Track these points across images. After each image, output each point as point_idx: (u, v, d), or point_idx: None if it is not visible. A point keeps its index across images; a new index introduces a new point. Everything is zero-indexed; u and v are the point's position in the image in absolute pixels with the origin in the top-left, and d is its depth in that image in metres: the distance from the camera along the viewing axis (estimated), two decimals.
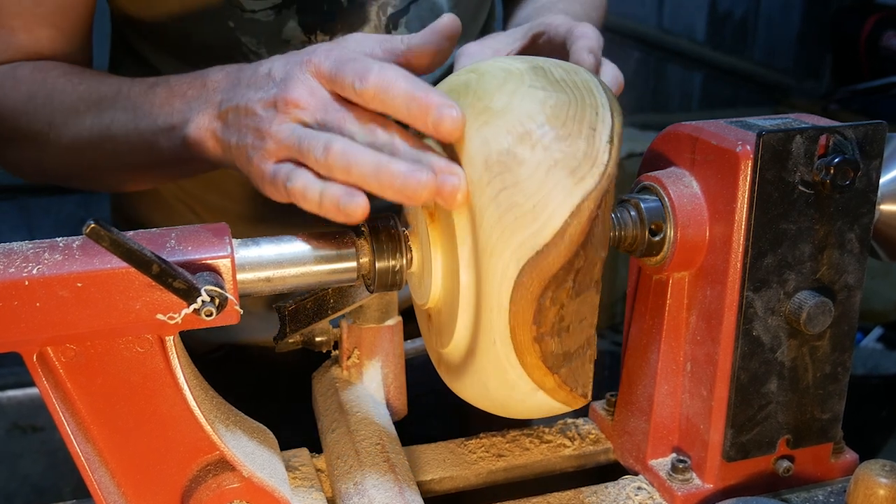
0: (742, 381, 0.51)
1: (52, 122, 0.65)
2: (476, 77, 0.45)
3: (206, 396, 0.50)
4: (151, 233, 0.46)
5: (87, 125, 0.63)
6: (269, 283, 0.47)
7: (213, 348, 0.82)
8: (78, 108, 0.64)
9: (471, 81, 0.45)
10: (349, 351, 0.62)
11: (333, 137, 0.47)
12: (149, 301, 0.43)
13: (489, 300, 0.43)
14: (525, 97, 0.42)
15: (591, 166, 0.42)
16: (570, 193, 0.41)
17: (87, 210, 2.27)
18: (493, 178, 0.42)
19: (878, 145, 0.49)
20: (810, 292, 0.50)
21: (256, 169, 0.51)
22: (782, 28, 2.96)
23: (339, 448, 0.56)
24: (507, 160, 0.41)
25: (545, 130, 0.41)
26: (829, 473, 0.56)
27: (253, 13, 0.68)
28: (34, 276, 0.41)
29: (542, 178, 0.41)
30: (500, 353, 0.43)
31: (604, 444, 0.62)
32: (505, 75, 0.44)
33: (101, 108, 0.63)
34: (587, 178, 0.41)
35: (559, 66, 0.45)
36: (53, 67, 0.68)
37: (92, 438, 0.47)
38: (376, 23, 0.72)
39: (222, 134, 0.55)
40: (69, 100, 0.65)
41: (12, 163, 0.71)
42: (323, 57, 0.49)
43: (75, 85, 0.66)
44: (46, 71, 0.68)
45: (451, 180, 0.43)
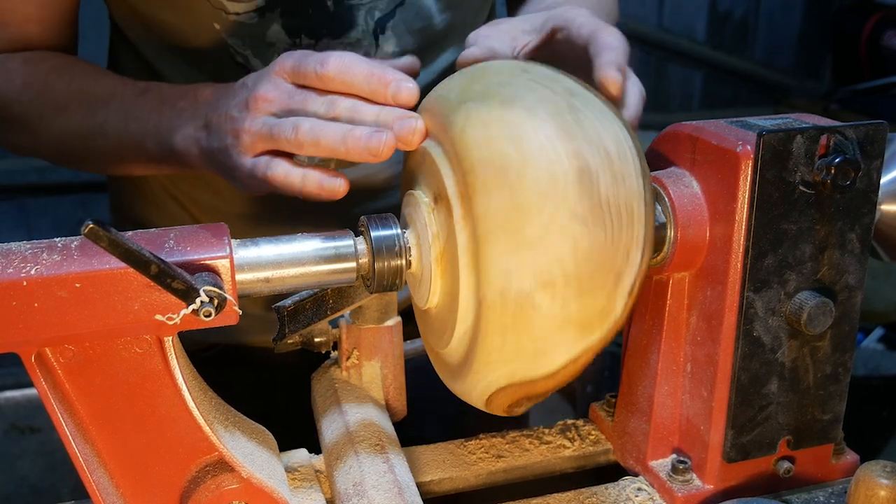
0: (742, 381, 0.50)
1: (43, 115, 0.70)
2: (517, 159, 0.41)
3: (204, 397, 0.49)
4: (150, 233, 0.46)
5: (77, 121, 0.68)
6: (268, 283, 0.47)
7: (204, 347, 0.82)
8: (69, 106, 0.69)
9: (510, 164, 0.41)
10: (348, 352, 0.62)
11: (300, 119, 0.52)
12: (147, 302, 0.43)
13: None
14: (560, 234, 0.41)
15: (602, 322, 0.42)
16: (574, 345, 0.42)
17: (86, 210, 2.27)
18: (505, 310, 0.42)
19: (878, 145, 0.48)
20: (811, 293, 0.49)
21: (238, 166, 0.56)
22: (783, 28, 2.95)
23: (338, 449, 0.56)
24: (525, 302, 0.41)
25: (569, 284, 0.41)
26: (829, 474, 0.56)
27: (237, 15, 0.69)
28: (32, 276, 0.41)
29: (552, 331, 0.42)
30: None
31: (604, 445, 0.62)
32: (548, 180, 0.40)
33: (94, 109, 0.68)
34: (595, 331, 0.42)
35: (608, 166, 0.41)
36: (43, 60, 0.72)
37: (90, 439, 0.47)
38: (364, 27, 0.71)
39: (206, 143, 0.60)
40: (60, 98, 0.69)
41: (9, 143, 0.76)
42: (286, 57, 0.54)
43: (67, 83, 0.70)
44: (37, 63, 0.71)
45: (409, 123, 0.47)
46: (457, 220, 0.45)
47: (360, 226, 0.49)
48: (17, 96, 0.70)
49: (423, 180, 0.50)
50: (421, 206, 0.49)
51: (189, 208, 0.81)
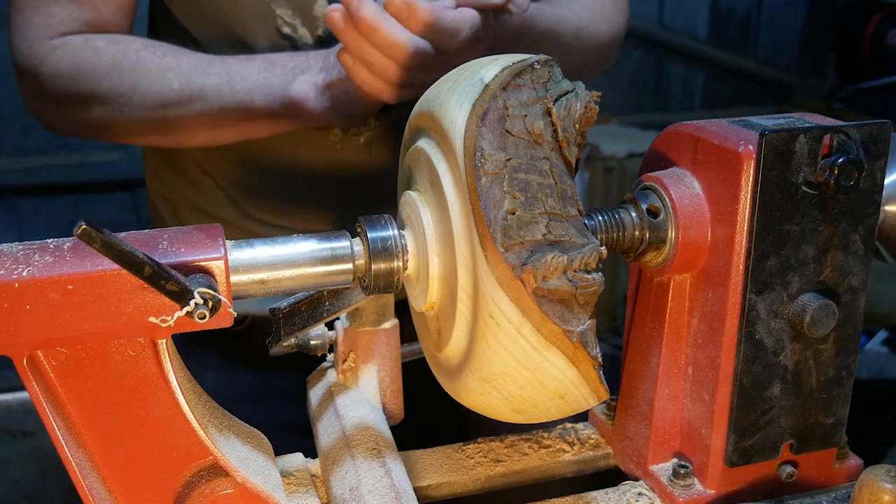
0: (744, 385, 0.50)
1: (138, 86, 0.75)
2: None
3: (198, 400, 0.49)
4: (143, 234, 0.46)
5: (175, 89, 0.75)
6: (263, 285, 0.46)
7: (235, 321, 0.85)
8: (165, 75, 0.75)
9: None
10: (345, 354, 0.61)
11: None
12: (141, 303, 0.43)
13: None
14: None
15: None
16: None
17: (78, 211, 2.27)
18: None
19: (882, 145, 0.48)
20: (814, 295, 0.49)
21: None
22: (785, 26, 2.95)
23: (334, 453, 0.55)
24: None
25: None
26: (833, 479, 0.56)
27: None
28: (24, 278, 0.41)
29: None
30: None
31: (604, 449, 0.61)
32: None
33: (192, 76, 0.74)
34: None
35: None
36: (132, 41, 0.78)
37: (83, 443, 0.46)
38: None
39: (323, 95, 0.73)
40: (156, 68, 0.75)
41: (75, 123, 0.81)
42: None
43: (160, 57, 0.76)
44: (126, 43, 0.78)
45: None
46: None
47: (357, 227, 0.49)
48: (106, 72, 0.75)
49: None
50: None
51: (222, 184, 0.86)
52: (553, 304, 0.43)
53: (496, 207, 0.43)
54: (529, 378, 0.44)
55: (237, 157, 0.84)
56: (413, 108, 0.51)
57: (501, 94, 0.44)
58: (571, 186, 0.45)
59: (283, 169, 0.84)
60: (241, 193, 0.86)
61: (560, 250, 0.43)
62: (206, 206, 0.88)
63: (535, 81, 0.45)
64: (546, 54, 0.45)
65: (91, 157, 2.26)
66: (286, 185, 0.84)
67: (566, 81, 0.46)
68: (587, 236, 0.44)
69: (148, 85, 0.75)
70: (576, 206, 0.45)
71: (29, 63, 0.78)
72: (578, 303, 0.44)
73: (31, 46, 0.78)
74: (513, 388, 0.45)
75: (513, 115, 0.44)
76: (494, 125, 0.44)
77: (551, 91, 0.45)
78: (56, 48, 0.77)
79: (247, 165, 0.84)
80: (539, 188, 0.44)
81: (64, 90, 0.77)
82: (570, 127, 0.45)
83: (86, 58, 0.76)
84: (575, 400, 0.45)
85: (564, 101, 0.45)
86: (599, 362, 0.45)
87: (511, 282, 0.42)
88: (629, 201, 0.52)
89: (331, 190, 0.84)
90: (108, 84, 0.75)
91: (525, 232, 0.43)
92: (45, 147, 2.23)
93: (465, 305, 0.45)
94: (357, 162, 0.83)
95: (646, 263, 0.53)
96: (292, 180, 0.84)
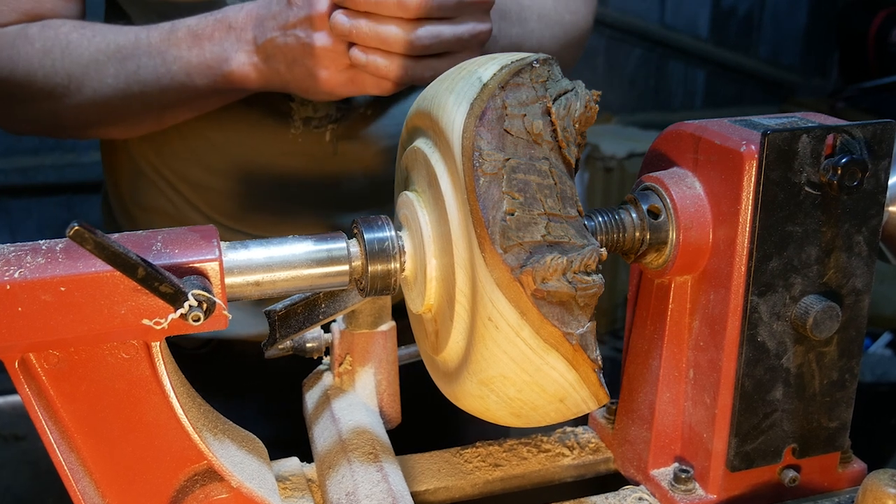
0: (746, 388, 0.50)
1: (72, 74, 0.71)
2: None
3: (193, 404, 0.49)
4: (137, 235, 0.45)
5: (111, 73, 0.71)
6: (258, 286, 0.46)
7: (200, 344, 0.82)
8: (97, 59, 0.71)
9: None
10: (341, 357, 0.61)
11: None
12: (134, 306, 0.42)
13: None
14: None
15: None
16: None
17: (71, 212, 2.27)
18: None
19: (886, 145, 0.48)
20: (817, 297, 0.49)
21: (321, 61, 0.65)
22: (788, 24, 2.94)
23: (330, 457, 0.55)
24: None
25: None
26: (836, 483, 0.55)
27: None
28: (16, 280, 0.41)
29: None
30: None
31: (604, 454, 0.61)
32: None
33: (123, 56, 0.70)
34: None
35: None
36: (62, 24, 0.73)
37: (76, 448, 0.46)
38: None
39: (265, 64, 0.67)
40: (86, 52, 0.71)
41: (24, 120, 0.77)
42: None
43: (89, 38, 0.71)
44: (56, 27, 0.73)
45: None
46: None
47: (354, 228, 0.48)
48: (39, 62, 0.71)
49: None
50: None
51: (179, 187, 0.81)
52: (552, 306, 0.42)
53: (495, 208, 0.42)
54: (528, 381, 0.44)
55: (194, 157, 0.79)
56: (411, 108, 0.50)
57: (500, 93, 0.44)
58: (571, 187, 0.44)
59: (242, 166, 0.78)
60: (199, 196, 0.81)
61: (559, 251, 0.42)
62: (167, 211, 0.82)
63: (534, 80, 0.45)
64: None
65: (84, 157, 2.25)
66: (248, 184, 0.79)
67: (566, 80, 0.46)
68: (587, 237, 0.44)
69: (82, 73, 0.71)
70: (575, 206, 0.44)
71: None
72: (578, 305, 0.43)
73: None
74: (511, 391, 0.44)
75: (511, 114, 0.43)
76: (493, 125, 0.43)
77: (550, 90, 0.45)
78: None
79: (204, 165, 0.79)
80: (538, 188, 0.43)
81: (2, 84, 0.73)
82: (569, 126, 0.45)
83: (19, 47, 0.72)
84: (575, 403, 0.45)
85: (564, 101, 0.45)
86: (599, 365, 0.44)
87: (510, 283, 0.42)
88: (629, 202, 0.51)
89: (295, 192, 0.79)
90: (42, 73, 0.71)
91: (524, 233, 0.42)
92: (37, 147, 2.23)
93: (463, 307, 0.45)
94: (322, 158, 0.78)
95: (646, 265, 0.52)
96: (254, 179, 0.79)
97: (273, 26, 0.65)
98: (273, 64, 0.67)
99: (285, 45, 0.65)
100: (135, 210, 0.86)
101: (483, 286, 0.42)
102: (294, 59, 0.65)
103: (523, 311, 0.42)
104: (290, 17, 0.64)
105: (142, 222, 0.85)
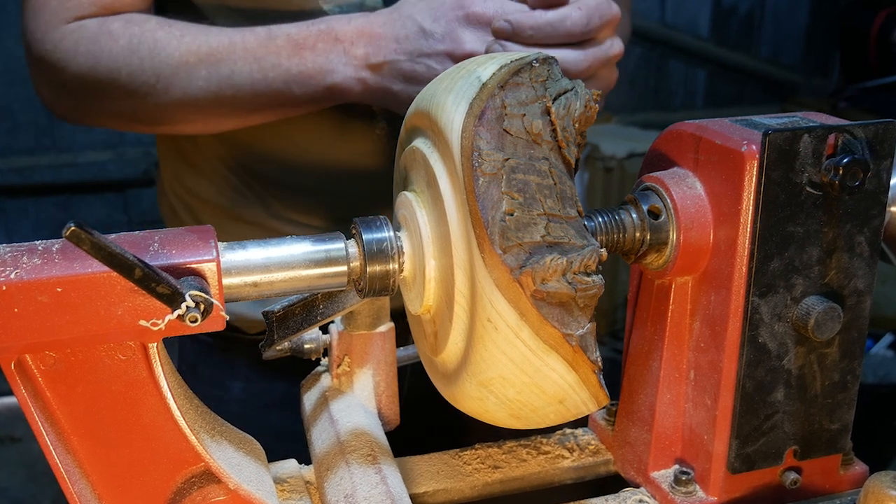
0: (747, 389, 0.49)
1: (160, 74, 0.71)
2: None
3: (190, 405, 0.48)
4: (134, 236, 0.45)
5: (203, 76, 0.70)
6: (256, 287, 0.46)
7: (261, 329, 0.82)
8: (188, 61, 0.70)
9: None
10: (339, 358, 0.61)
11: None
12: (131, 307, 0.42)
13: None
14: None
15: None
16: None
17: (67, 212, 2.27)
18: None
19: (888, 145, 0.47)
20: (818, 298, 0.48)
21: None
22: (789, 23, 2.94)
23: (328, 459, 0.55)
24: None
25: None
26: (837, 486, 0.55)
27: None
28: (12, 280, 0.40)
29: None
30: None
31: (604, 456, 0.61)
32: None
33: (217, 60, 0.70)
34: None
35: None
36: (146, 20, 0.73)
37: (72, 449, 0.46)
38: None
39: (375, 81, 0.67)
40: (176, 53, 0.70)
41: (102, 114, 0.76)
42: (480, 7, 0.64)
43: (178, 38, 0.71)
44: (140, 24, 0.72)
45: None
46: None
47: (352, 228, 0.48)
48: (124, 60, 0.71)
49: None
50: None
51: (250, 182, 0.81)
52: (552, 307, 0.42)
53: (494, 208, 0.42)
54: (528, 383, 0.43)
55: (271, 155, 0.79)
56: (409, 108, 0.50)
57: (499, 92, 0.43)
58: (571, 187, 0.44)
59: (322, 165, 0.79)
60: (271, 192, 0.81)
61: (559, 252, 0.42)
62: (231, 207, 0.83)
63: (533, 80, 0.44)
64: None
65: (81, 158, 2.26)
66: (325, 181, 0.80)
67: (565, 80, 0.45)
68: (587, 238, 0.44)
69: (170, 73, 0.70)
70: (575, 206, 0.44)
71: (42, 49, 0.73)
72: (578, 306, 0.43)
73: (46, 31, 0.73)
74: (511, 392, 0.44)
75: (511, 114, 0.43)
76: (492, 124, 0.43)
77: (550, 90, 0.44)
78: (71, 33, 0.72)
79: (280, 162, 0.79)
80: (538, 189, 0.43)
81: (81, 79, 0.72)
82: (569, 126, 0.44)
83: (102, 43, 0.71)
84: (574, 405, 0.45)
85: (564, 100, 0.44)
86: (599, 366, 0.44)
87: (509, 284, 0.41)
88: (630, 202, 0.51)
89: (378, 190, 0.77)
90: (127, 72, 0.70)
91: (523, 233, 0.42)
92: (33, 147, 2.23)
93: (462, 308, 0.44)
94: None
95: (647, 265, 0.52)
96: (332, 177, 0.79)
97: (396, 49, 0.65)
98: (385, 82, 0.67)
99: (412, 70, 0.65)
100: (192, 201, 0.86)
101: (482, 287, 0.42)
102: (419, 82, 0.65)
103: (523, 312, 0.42)
104: (423, 46, 0.64)
105: (201, 214, 0.85)
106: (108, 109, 0.75)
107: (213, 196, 0.84)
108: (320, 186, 0.80)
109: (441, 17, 0.65)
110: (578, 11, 0.63)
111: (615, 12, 0.66)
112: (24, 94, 2.11)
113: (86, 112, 0.77)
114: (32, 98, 1.74)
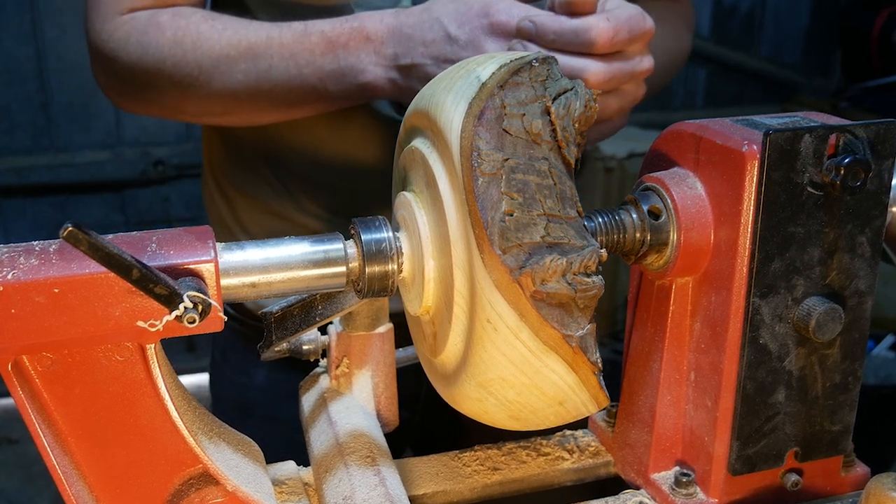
0: (748, 391, 0.49)
1: (202, 66, 0.73)
2: None
3: (188, 407, 0.48)
4: (131, 236, 0.45)
5: (242, 69, 0.72)
6: (254, 288, 0.45)
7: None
8: (228, 54, 0.72)
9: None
10: (338, 359, 0.60)
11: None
12: (129, 307, 0.42)
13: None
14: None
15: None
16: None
17: (65, 212, 2.27)
18: None
19: (890, 144, 0.47)
20: (819, 298, 0.48)
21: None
22: (790, 22, 2.93)
23: (327, 461, 0.55)
24: None
25: None
26: (839, 487, 0.55)
27: None
28: (9, 281, 0.40)
29: None
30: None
31: (604, 457, 0.60)
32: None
33: (255, 55, 0.71)
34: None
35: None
36: (192, 13, 0.75)
37: (69, 451, 0.45)
38: None
39: (404, 82, 0.68)
40: (217, 46, 0.72)
41: (148, 103, 0.78)
42: (504, 16, 0.64)
43: (220, 31, 0.73)
44: (187, 17, 0.74)
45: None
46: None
47: (351, 228, 0.48)
48: (169, 51, 0.73)
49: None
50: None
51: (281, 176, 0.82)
52: (552, 307, 0.42)
53: (493, 209, 0.42)
54: (527, 384, 0.43)
55: (301, 151, 0.81)
56: (409, 107, 0.50)
57: (499, 92, 0.43)
58: (571, 187, 0.44)
59: (348, 163, 0.80)
60: (301, 188, 0.83)
61: (559, 252, 0.42)
62: (264, 200, 0.85)
63: (533, 79, 0.44)
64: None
65: (78, 158, 2.25)
66: (355, 179, 0.81)
67: (565, 79, 0.45)
68: (587, 238, 0.43)
69: (212, 66, 0.72)
70: (575, 207, 0.44)
71: (98, 39, 0.77)
72: (578, 306, 0.43)
73: (103, 22, 0.77)
74: (510, 394, 0.44)
75: (510, 114, 0.43)
76: (492, 124, 0.43)
77: (550, 89, 0.44)
78: (124, 24, 0.75)
79: (309, 158, 0.81)
80: (538, 189, 0.43)
81: (131, 68, 0.75)
82: (569, 126, 0.44)
83: (150, 34, 0.74)
84: (574, 406, 0.44)
85: (563, 100, 0.44)
86: (599, 368, 0.44)
87: (509, 285, 0.41)
88: (630, 202, 0.51)
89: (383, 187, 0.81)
90: (172, 62, 0.73)
91: (523, 234, 0.42)
92: (31, 147, 2.23)
93: (461, 309, 0.44)
94: None
95: (647, 266, 0.52)
96: (361, 175, 0.80)
97: (423, 53, 0.66)
98: (412, 83, 0.67)
99: (436, 74, 0.67)
100: (230, 191, 0.88)
101: (482, 288, 0.42)
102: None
103: (522, 312, 0.41)
104: (448, 52, 0.65)
105: (239, 207, 0.87)
106: (156, 99, 0.77)
107: (249, 188, 0.86)
108: (347, 184, 0.81)
109: (466, 24, 0.65)
110: (606, 23, 0.63)
111: (648, 27, 0.65)
112: (21, 93, 2.11)
113: (136, 100, 0.80)
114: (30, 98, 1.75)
